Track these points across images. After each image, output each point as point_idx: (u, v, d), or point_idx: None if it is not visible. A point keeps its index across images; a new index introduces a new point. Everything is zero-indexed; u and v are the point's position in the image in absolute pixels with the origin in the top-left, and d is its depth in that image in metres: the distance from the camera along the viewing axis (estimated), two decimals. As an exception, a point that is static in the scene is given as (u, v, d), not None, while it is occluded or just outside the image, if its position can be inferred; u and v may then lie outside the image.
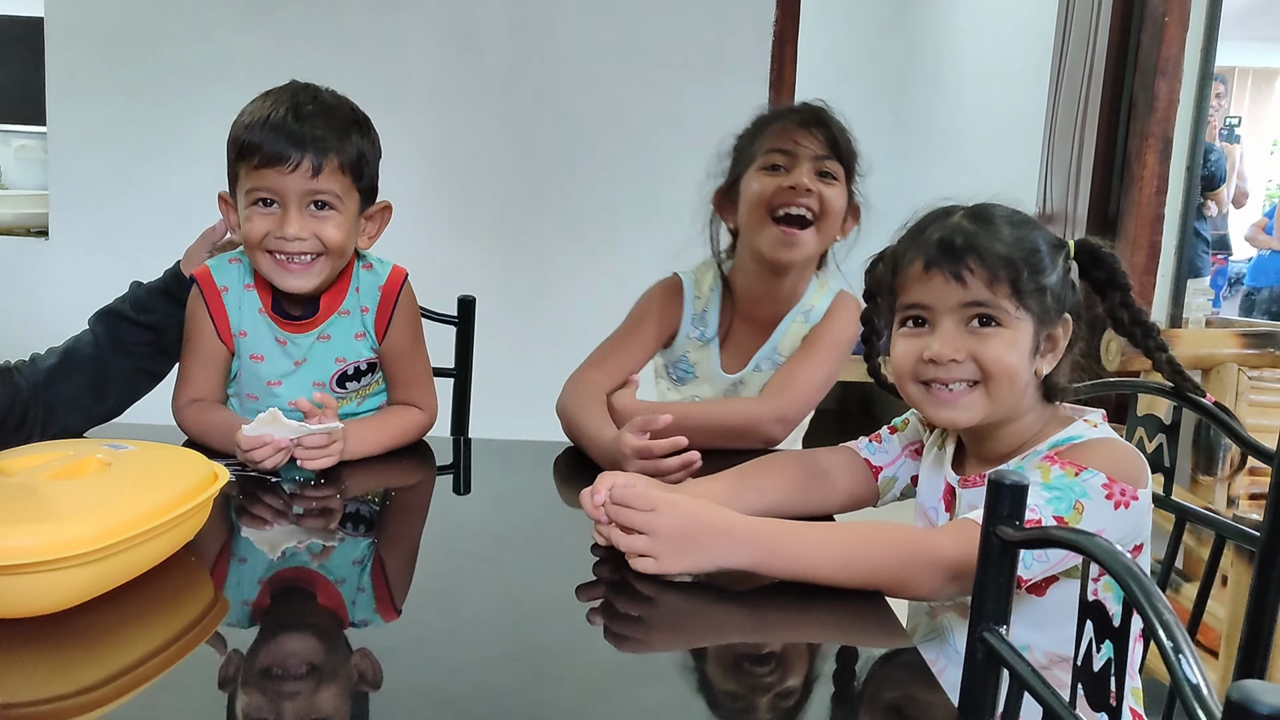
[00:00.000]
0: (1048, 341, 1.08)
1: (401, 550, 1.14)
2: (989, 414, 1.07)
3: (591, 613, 0.95)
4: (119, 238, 2.55)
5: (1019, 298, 1.04)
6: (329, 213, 1.33)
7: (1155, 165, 2.59)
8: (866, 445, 1.30)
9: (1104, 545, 0.66)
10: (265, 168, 1.29)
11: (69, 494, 0.92)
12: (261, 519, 1.18)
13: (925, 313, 1.08)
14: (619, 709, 0.78)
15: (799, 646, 0.88)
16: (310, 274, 1.34)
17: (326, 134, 1.30)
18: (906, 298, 1.10)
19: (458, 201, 2.58)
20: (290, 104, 1.31)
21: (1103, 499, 0.99)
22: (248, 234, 1.33)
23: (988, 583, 0.77)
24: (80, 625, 0.84)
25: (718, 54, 2.59)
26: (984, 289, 1.04)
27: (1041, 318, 1.06)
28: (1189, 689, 0.49)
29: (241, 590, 0.99)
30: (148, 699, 0.76)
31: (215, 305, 1.41)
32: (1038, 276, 1.05)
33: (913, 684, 0.84)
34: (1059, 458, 1.03)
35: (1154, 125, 2.57)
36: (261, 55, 2.52)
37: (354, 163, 1.34)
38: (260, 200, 1.32)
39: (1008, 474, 0.77)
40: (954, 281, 1.05)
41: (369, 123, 1.41)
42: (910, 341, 1.09)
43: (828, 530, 1.05)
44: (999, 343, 1.05)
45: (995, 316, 1.05)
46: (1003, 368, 1.05)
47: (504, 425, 1.90)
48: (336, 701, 0.76)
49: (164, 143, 2.53)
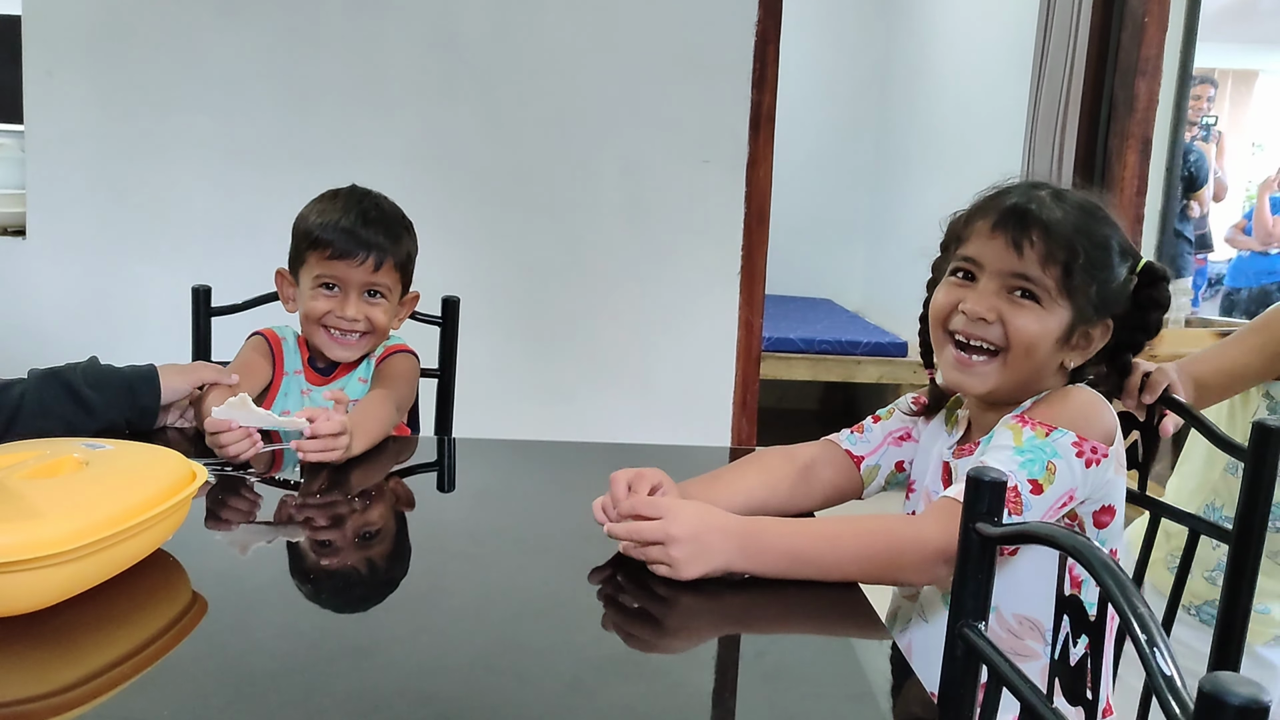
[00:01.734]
0: (1084, 338, 1.10)
1: (384, 549, 1.14)
2: (999, 385, 1.09)
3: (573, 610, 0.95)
4: (97, 237, 2.53)
5: (1066, 284, 1.06)
6: (380, 300, 1.58)
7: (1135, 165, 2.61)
8: (847, 436, 1.30)
9: (1081, 541, 0.66)
10: (336, 260, 1.53)
11: (45, 493, 0.91)
12: (241, 518, 1.18)
13: (975, 268, 1.11)
14: (600, 706, 0.78)
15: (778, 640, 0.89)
16: (356, 349, 1.59)
17: (387, 239, 1.56)
18: (965, 249, 1.12)
19: (439, 201, 2.58)
20: (359, 210, 1.56)
21: (1074, 457, 1.01)
22: (310, 311, 1.56)
23: (967, 579, 0.78)
24: (57, 625, 0.83)
25: (700, 53, 2.59)
26: (1036, 265, 1.06)
27: (1082, 311, 1.08)
28: (1163, 681, 0.49)
29: (220, 590, 0.98)
30: (125, 699, 0.75)
31: (277, 349, 1.63)
32: (1094, 271, 1.07)
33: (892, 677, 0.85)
34: (1029, 418, 1.05)
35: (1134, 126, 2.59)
36: (240, 55, 2.51)
37: (404, 262, 1.60)
38: (325, 284, 1.56)
39: (986, 470, 0.77)
40: (1012, 249, 1.07)
41: (413, 226, 1.64)
42: (952, 290, 1.12)
43: (821, 524, 1.06)
44: (1030, 316, 1.07)
45: (1036, 294, 1.07)
46: (1024, 339, 1.07)
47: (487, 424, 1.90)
48: (316, 700, 0.76)
49: (142, 142, 2.52)
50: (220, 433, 1.31)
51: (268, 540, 1.11)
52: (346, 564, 1.06)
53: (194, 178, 2.55)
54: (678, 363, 2.70)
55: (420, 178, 2.57)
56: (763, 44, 2.58)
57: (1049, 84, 2.95)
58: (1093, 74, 2.67)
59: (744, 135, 2.61)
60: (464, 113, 2.58)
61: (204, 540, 1.09)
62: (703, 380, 2.69)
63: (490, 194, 2.62)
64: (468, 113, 2.58)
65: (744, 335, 2.70)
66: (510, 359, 2.65)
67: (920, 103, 4.89)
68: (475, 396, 2.09)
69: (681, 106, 2.60)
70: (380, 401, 1.49)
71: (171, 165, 2.54)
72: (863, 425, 1.30)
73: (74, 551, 0.83)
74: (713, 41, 2.59)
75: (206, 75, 2.51)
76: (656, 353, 2.70)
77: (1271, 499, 1.08)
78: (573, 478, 1.36)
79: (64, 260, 2.53)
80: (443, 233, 2.57)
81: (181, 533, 1.02)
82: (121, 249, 2.55)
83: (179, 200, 2.55)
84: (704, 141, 2.62)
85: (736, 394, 2.72)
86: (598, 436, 1.75)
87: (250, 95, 2.53)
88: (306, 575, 1.04)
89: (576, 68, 2.60)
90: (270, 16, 2.51)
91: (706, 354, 2.70)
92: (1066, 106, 2.78)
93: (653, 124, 2.61)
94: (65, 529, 0.84)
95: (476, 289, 2.28)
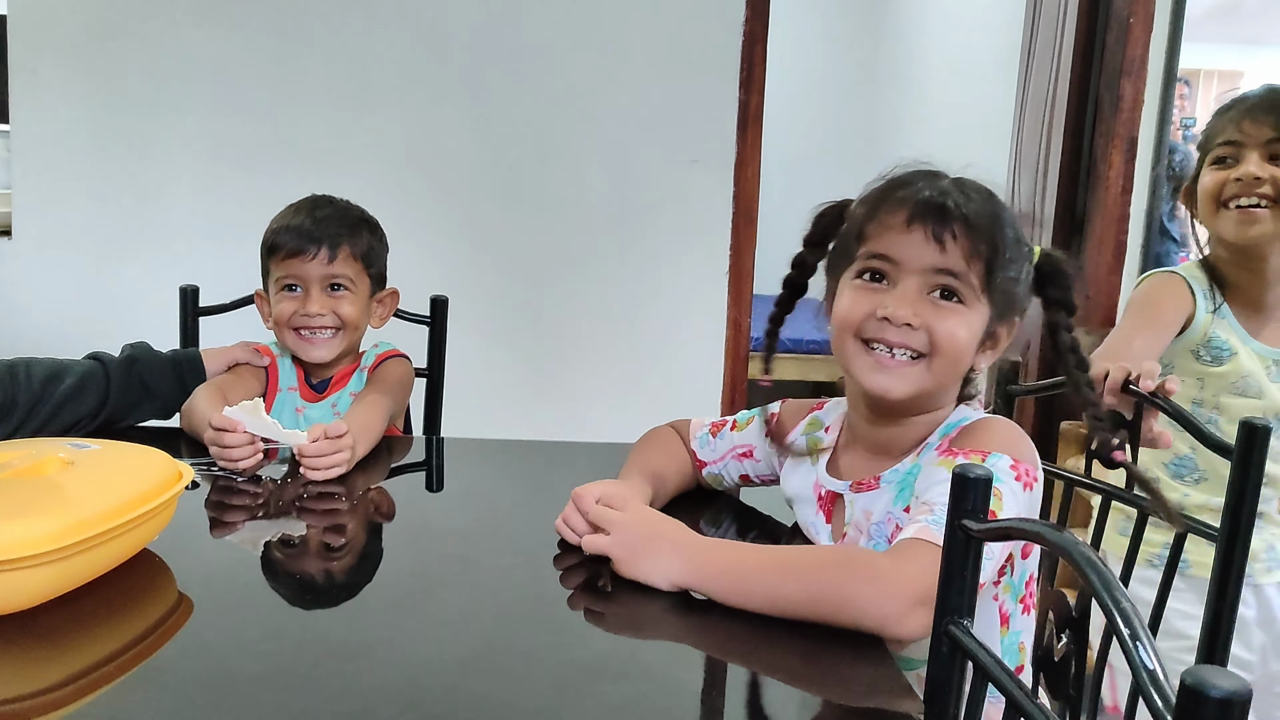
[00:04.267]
0: (993, 338, 1.05)
1: (370, 549, 1.14)
2: (922, 389, 1.03)
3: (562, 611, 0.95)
4: (83, 237, 2.52)
5: (988, 281, 1.00)
6: (343, 293, 1.57)
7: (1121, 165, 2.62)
8: (702, 434, 1.28)
9: (1067, 538, 0.67)
10: (291, 258, 1.54)
11: (30, 492, 0.91)
12: (227, 518, 1.17)
13: (889, 267, 1.02)
14: (588, 706, 0.78)
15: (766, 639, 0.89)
16: (329, 346, 1.57)
17: (340, 230, 1.56)
18: (874, 246, 1.03)
19: (426, 201, 2.57)
20: (309, 208, 1.58)
21: (1013, 480, 0.95)
22: (278, 315, 1.57)
23: (952, 576, 0.78)
24: (42, 625, 0.83)
25: (687, 53, 2.59)
26: (960, 259, 0.99)
27: (1000, 310, 1.03)
28: (1145, 675, 0.50)
29: (206, 590, 0.98)
30: (110, 699, 0.75)
31: (272, 364, 1.64)
32: (1008, 266, 1.02)
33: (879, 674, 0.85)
34: (958, 447, 1.00)
35: (1119, 125, 2.60)
36: (227, 54, 2.50)
37: (365, 253, 1.59)
38: (287, 286, 1.56)
39: (972, 467, 0.77)
40: (933, 243, 0.99)
41: (376, 223, 1.64)
42: (864, 294, 1.03)
43: (778, 549, 1.00)
44: (955, 320, 1.00)
45: (959, 291, 1.00)
46: (952, 345, 1.00)
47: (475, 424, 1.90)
48: (302, 701, 0.76)
49: (129, 141, 2.51)
50: (225, 431, 1.29)
51: (254, 541, 1.11)
52: (333, 565, 1.06)
53: (181, 177, 2.54)
54: (666, 362, 2.70)
55: (407, 177, 2.57)
56: (750, 44, 2.58)
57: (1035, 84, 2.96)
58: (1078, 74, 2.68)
59: (731, 135, 2.62)
60: (452, 113, 2.58)
61: (190, 540, 1.08)
62: (690, 379, 2.70)
63: (478, 194, 2.62)
64: (455, 113, 2.58)
65: (732, 335, 2.71)
66: (498, 358, 2.64)
67: (907, 103, 4.91)
68: (464, 396, 2.09)
69: (669, 106, 2.60)
70: (372, 406, 1.47)
71: (158, 165, 2.53)
72: (724, 424, 1.28)
73: (59, 551, 0.83)
74: (700, 41, 2.59)
75: (193, 75, 2.50)
76: (644, 352, 2.71)
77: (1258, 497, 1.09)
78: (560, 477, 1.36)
79: (50, 260, 2.52)
80: (430, 232, 2.57)
81: (167, 533, 1.02)
82: (108, 248, 2.54)
83: (166, 200, 2.54)
84: (692, 141, 2.62)
85: (724, 393, 2.72)
86: (585, 436, 1.74)
87: (237, 95, 2.52)
88: (293, 576, 1.03)
89: (564, 67, 2.60)
90: (257, 16, 2.50)
91: (694, 353, 2.70)
92: (1052, 106, 2.79)
93: (640, 124, 2.61)
94: (50, 528, 0.84)
95: (464, 289, 2.28)
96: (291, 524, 1.16)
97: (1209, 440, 1.16)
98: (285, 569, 1.04)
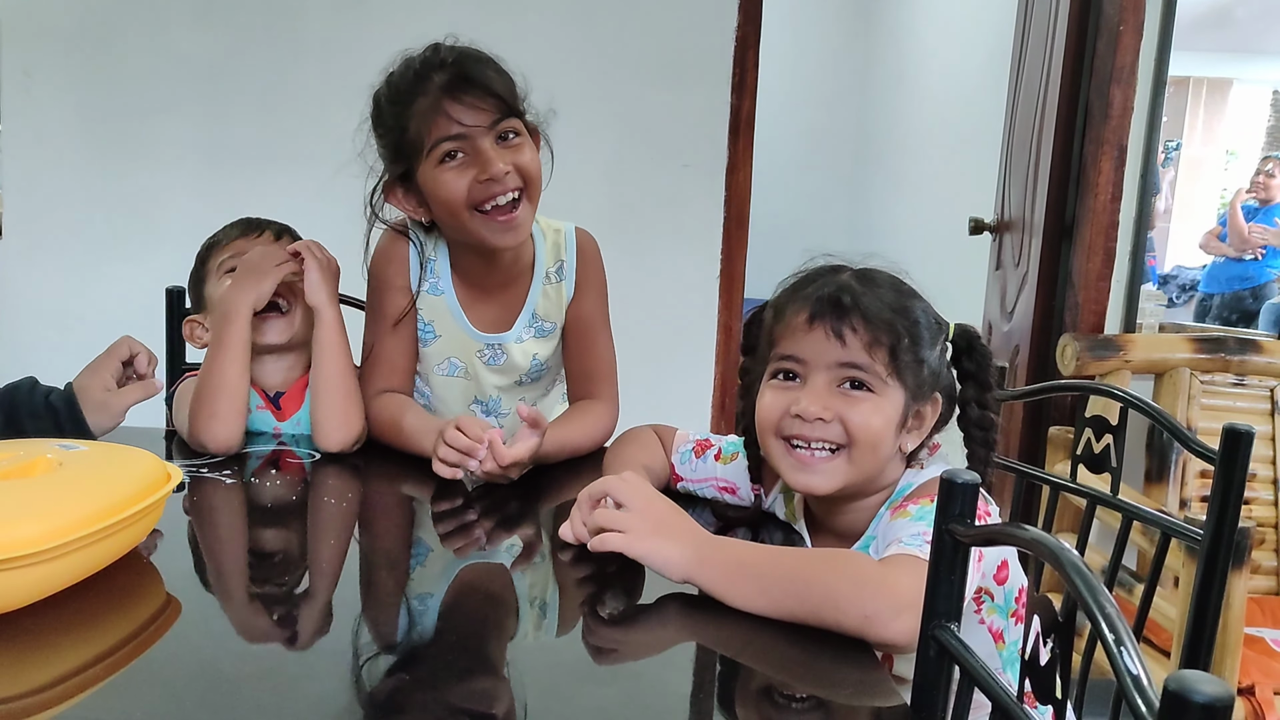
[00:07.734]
0: (915, 418, 1.07)
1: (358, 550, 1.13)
2: (848, 482, 1.06)
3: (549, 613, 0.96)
4: (73, 238, 2.52)
5: (895, 366, 1.04)
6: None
7: (1110, 172, 2.63)
8: (685, 450, 1.29)
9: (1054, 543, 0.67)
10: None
11: (17, 494, 0.90)
12: (217, 520, 1.17)
13: (799, 366, 1.07)
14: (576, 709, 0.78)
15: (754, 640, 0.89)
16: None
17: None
18: (783, 348, 1.08)
19: (420, 203, 2.57)
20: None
21: None
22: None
23: (940, 581, 0.78)
24: (29, 626, 0.83)
25: (680, 58, 2.60)
26: (862, 351, 1.03)
27: (915, 392, 1.06)
28: (1129, 679, 0.50)
29: (194, 592, 0.98)
30: (97, 701, 0.75)
31: None
32: (916, 349, 1.05)
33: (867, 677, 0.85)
34: (906, 500, 1.03)
35: (1109, 132, 2.61)
36: (219, 56, 2.50)
37: None
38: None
39: (959, 473, 0.78)
40: (834, 338, 1.04)
41: None
42: (779, 394, 1.08)
43: (778, 551, 1.01)
44: (867, 408, 1.04)
45: (867, 381, 1.04)
46: (868, 434, 1.03)
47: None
48: (290, 703, 0.76)
49: (121, 142, 2.50)
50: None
51: (242, 542, 1.10)
52: (321, 566, 1.06)
53: (171, 179, 2.53)
54: (657, 366, 2.70)
55: (400, 180, 2.56)
56: (742, 49, 2.59)
57: (1026, 91, 2.97)
58: (1069, 81, 2.69)
59: (724, 140, 2.62)
60: (444, 115, 2.57)
61: (178, 542, 1.08)
62: (682, 383, 2.70)
63: (470, 197, 2.61)
64: (448, 115, 2.57)
65: (723, 339, 2.71)
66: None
67: (899, 109, 4.92)
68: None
69: (661, 111, 2.61)
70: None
71: (148, 166, 2.52)
72: (707, 447, 1.28)
73: (47, 552, 0.83)
74: (693, 46, 2.59)
75: (184, 77, 2.50)
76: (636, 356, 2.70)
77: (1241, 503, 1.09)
78: (551, 481, 1.36)
79: (40, 260, 2.52)
80: (422, 235, 2.57)
81: (155, 534, 1.02)
82: (98, 250, 2.53)
83: (156, 201, 2.53)
84: (684, 146, 2.62)
85: (715, 397, 2.72)
86: (576, 439, 1.74)
87: (228, 97, 2.52)
88: (281, 577, 1.03)
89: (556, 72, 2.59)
90: (249, 18, 2.50)
91: (686, 357, 2.70)
92: (1043, 113, 2.80)
93: (632, 128, 2.61)
94: (38, 530, 0.83)
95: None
96: (280, 526, 1.16)
97: (1193, 447, 1.17)
98: (273, 570, 1.04)
